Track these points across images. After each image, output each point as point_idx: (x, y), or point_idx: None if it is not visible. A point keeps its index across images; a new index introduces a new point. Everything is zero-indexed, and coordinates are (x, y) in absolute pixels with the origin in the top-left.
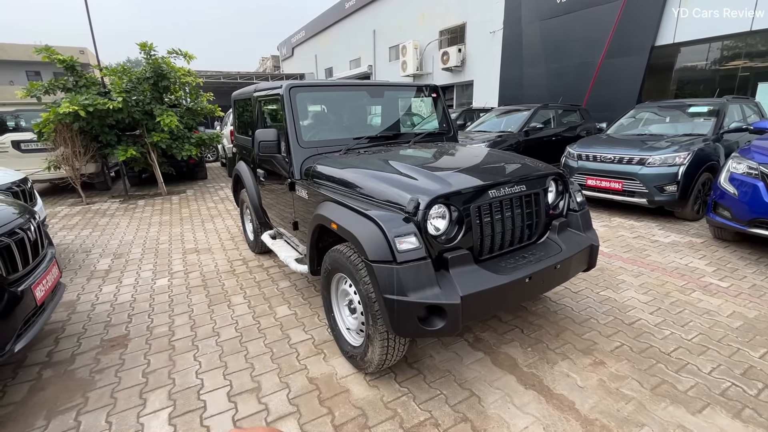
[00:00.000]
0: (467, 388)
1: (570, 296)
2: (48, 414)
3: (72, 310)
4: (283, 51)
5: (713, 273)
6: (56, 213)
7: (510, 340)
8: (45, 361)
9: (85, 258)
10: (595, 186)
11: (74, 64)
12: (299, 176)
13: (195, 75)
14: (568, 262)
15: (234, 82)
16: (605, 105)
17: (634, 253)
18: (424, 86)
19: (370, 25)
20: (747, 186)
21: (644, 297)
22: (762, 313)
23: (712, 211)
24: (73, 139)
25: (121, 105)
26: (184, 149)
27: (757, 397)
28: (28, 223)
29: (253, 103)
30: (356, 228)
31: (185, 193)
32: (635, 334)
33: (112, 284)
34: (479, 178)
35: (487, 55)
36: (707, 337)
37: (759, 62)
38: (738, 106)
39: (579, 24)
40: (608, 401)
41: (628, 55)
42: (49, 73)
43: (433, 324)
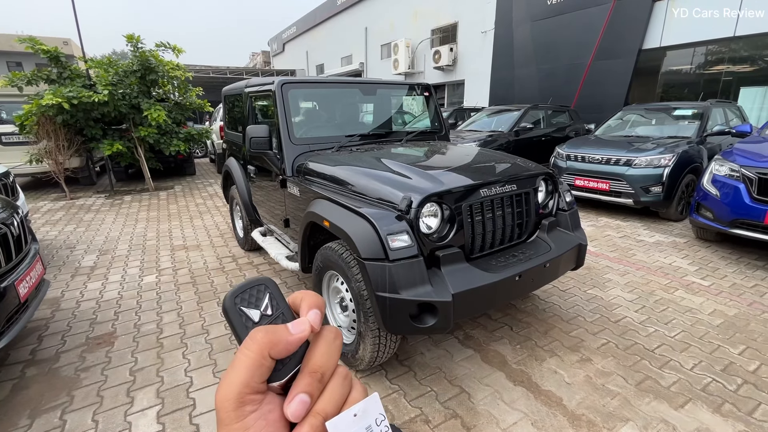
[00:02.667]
0: (457, 385)
1: (558, 294)
2: (32, 413)
3: (56, 307)
4: (273, 46)
5: (695, 272)
6: (39, 208)
7: (499, 338)
8: (28, 359)
9: (70, 254)
10: (583, 186)
11: (58, 55)
12: (291, 173)
13: (184, 69)
14: (557, 260)
15: (223, 77)
16: (594, 106)
17: (620, 253)
18: (416, 85)
19: (361, 23)
20: (729, 188)
21: (629, 295)
22: (741, 311)
23: (695, 211)
24: (57, 132)
25: (107, 98)
26: (172, 144)
27: (736, 392)
28: (10, 218)
29: (244, 99)
30: (349, 226)
31: (173, 189)
32: (621, 331)
33: (97, 281)
34: (471, 177)
35: (479, 55)
36: (689, 335)
37: (742, 67)
38: (721, 109)
39: (569, 26)
40: (594, 397)
41: (617, 57)
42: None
43: (424, 321)
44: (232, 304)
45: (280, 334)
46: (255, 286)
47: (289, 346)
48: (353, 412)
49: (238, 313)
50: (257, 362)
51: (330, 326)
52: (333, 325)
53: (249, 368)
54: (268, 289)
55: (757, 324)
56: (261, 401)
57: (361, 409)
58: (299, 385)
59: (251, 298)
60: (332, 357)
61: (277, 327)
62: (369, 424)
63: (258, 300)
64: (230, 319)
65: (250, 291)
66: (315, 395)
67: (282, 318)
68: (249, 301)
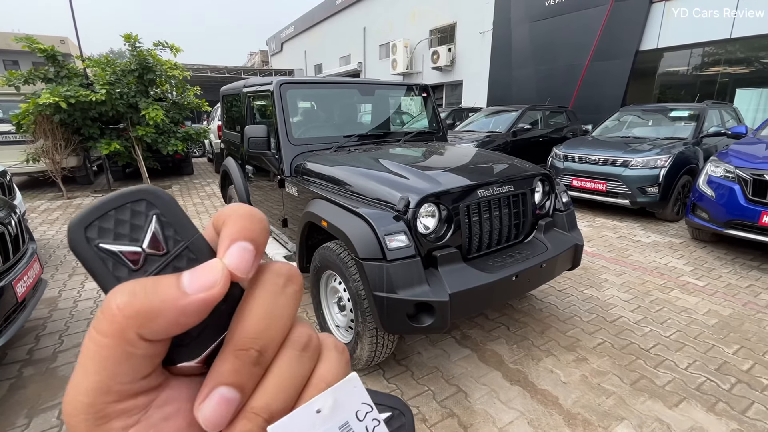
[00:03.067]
0: (454, 384)
1: (555, 294)
2: (29, 412)
3: (54, 306)
4: (272, 46)
5: (691, 272)
6: (36, 207)
7: (496, 337)
8: (26, 359)
9: (67, 253)
10: (580, 187)
11: (55, 54)
12: (289, 173)
13: (182, 68)
14: (554, 261)
15: (221, 76)
16: (591, 107)
17: (617, 253)
18: (415, 85)
19: (360, 23)
20: (724, 189)
21: (625, 295)
22: (736, 311)
23: (691, 212)
24: (54, 131)
25: (104, 97)
26: (170, 144)
27: (730, 392)
28: (8, 218)
29: (242, 99)
30: (347, 226)
31: (171, 188)
32: (617, 331)
33: None
34: (468, 178)
35: (477, 56)
36: (684, 334)
37: (738, 69)
38: (717, 111)
39: (567, 27)
40: (590, 396)
41: (614, 58)
42: (27, 63)
43: (421, 321)
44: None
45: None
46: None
47: (181, 316)
48: (315, 406)
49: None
50: (119, 352)
51: (278, 264)
52: (330, 324)
53: (104, 363)
54: (153, 208)
55: (751, 324)
56: (147, 405)
57: (329, 401)
58: (218, 373)
59: (121, 227)
60: (280, 319)
61: (158, 281)
62: (345, 421)
63: (135, 228)
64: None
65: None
66: (248, 386)
67: (187, 259)
68: (117, 231)
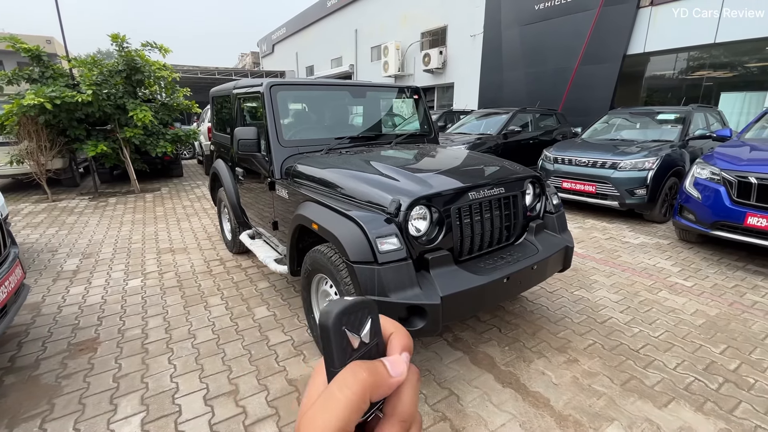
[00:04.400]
0: (446, 387)
1: (546, 296)
2: (10, 422)
3: (37, 312)
4: (263, 47)
5: (678, 273)
6: (19, 210)
7: (488, 340)
8: (7, 366)
9: (51, 258)
10: (571, 189)
11: (40, 54)
12: (279, 175)
13: (171, 69)
14: (545, 262)
15: (212, 77)
16: (580, 110)
17: (606, 254)
18: (406, 88)
19: (352, 25)
20: (710, 191)
21: (615, 296)
22: (722, 311)
23: (678, 214)
24: (39, 132)
25: (91, 98)
26: (158, 146)
27: (717, 391)
28: None
29: (232, 101)
30: (338, 228)
31: (160, 191)
32: (607, 332)
33: (80, 285)
34: (459, 180)
35: (468, 58)
36: (673, 335)
37: (722, 73)
38: (702, 114)
39: (556, 31)
40: (581, 397)
41: (602, 62)
42: (12, 63)
43: (413, 324)
44: (339, 323)
45: (382, 376)
46: (361, 308)
47: (388, 390)
48: None
49: (341, 335)
50: (357, 405)
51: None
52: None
53: (349, 410)
54: (371, 314)
55: (738, 324)
56: None
57: None
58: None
59: (355, 321)
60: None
61: (376, 365)
62: None
63: (360, 324)
64: (331, 339)
65: (356, 312)
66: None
67: (376, 349)
68: (353, 323)
